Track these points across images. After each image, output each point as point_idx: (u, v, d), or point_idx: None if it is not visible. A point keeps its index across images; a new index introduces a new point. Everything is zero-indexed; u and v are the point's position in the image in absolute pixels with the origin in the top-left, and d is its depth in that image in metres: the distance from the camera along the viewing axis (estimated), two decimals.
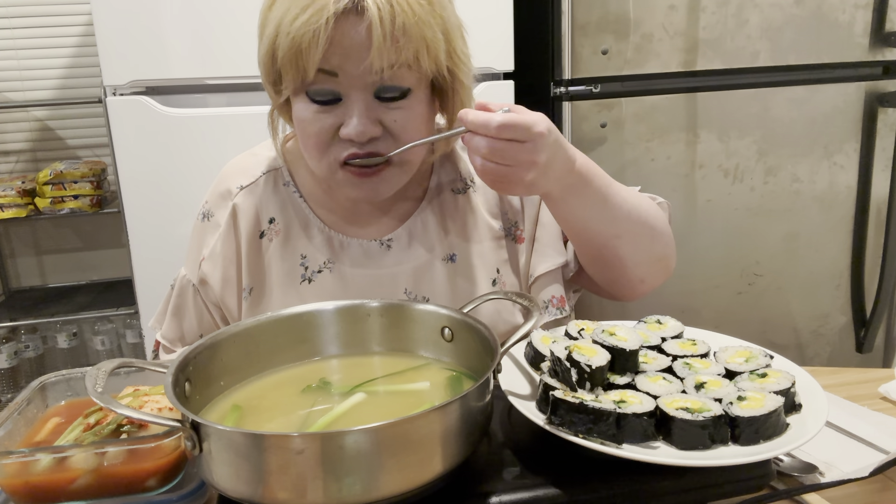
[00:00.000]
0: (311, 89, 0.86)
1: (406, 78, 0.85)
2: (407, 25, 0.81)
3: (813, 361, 2.04)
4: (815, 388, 0.72)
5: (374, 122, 0.86)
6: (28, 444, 0.74)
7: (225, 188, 1.04)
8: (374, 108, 0.86)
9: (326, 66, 0.83)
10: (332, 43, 0.81)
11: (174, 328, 1.05)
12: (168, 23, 1.63)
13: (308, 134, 0.89)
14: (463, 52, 0.90)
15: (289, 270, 1.00)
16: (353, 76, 0.84)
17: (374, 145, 0.88)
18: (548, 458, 0.68)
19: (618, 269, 0.96)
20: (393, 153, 0.88)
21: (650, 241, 0.95)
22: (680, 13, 1.75)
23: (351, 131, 0.85)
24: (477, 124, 0.78)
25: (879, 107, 1.90)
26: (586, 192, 0.88)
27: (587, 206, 0.89)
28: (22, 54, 2.45)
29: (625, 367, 0.73)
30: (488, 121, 0.77)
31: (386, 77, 0.84)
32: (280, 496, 0.58)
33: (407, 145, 0.87)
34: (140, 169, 1.69)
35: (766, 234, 1.94)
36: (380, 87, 0.85)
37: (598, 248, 0.95)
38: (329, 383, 0.76)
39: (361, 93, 0.85)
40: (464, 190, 1.02)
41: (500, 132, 0.77)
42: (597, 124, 1.77)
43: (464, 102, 0.92)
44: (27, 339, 2.46)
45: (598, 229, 0.91)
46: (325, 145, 0.88)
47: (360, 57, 0.82)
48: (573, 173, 0.85)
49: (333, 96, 0.86)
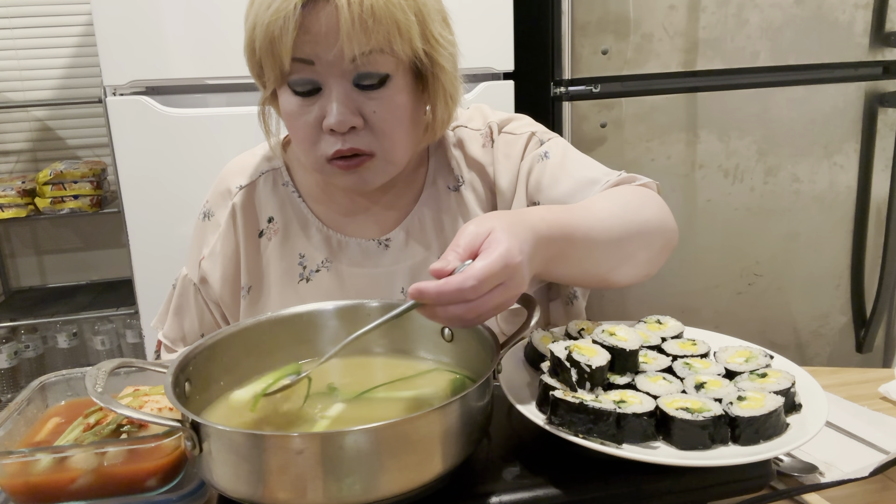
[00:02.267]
0: (291, 80, 0.86)
1: (382, 63, 0.84)
2: (376, 8, 0.80)
3: (813, 361, 2.05)
4: (815, 388, 0.72)
5: (354, 112, 0.85)
6: (28, 444, 0.74)
7: (225, 188, 1.04)
8: (353, 97, 0.86)
9: (300, 54, 0.83)
10: (303, 30, 0.81)
11: (176, 328, 1.06)
12: (168, 23, 1.63)
13: (295, 127, 0.89)
14: (442, 36, 0.88)
15: (287, 269, 1.01)
16: (328, 63, 0.83)
17: (355, 140, 0.87)
18: (548, 458, 0.68)
19: (620, 285, 0.92)
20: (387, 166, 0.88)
21: (646, 248, 0.90)
22: (680, 13, 1.75)
23: (331, 120, 0.85)
24: (448, 296, 0.63)
25: (879, 107, 1.90)
26: (569, 253, 0.79)
27: (574, 265, 0.82)
28: (22, 54, 2.45)
29: (625, 367, 0.73)
30: (461, 287, 0.63)
31: (361, 63, 0.83)
32: (280, 496, 0.58)
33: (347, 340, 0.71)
34: (140, 169, 1.69)
35: (766, 234, 1.94)
36: (357, 74, 0.84)
37: (596, 283, 0.92)
38: (336, 389, 0.76)
39: (339, 80, 0.85)
40: (456, 188, 1.02)
41: (479, 291, 0.64)
42: (597, 124, 1.77)
43: (447, 89, 0.91)
44: (27, 339, 2.46)
45: (592, 273, 0.86)
46: (312, 139, 0.89)
47: (331, 42, 0.82)
48: (551, 248, 0.76)
49: (313, 86, 0.86)
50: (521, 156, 1.00)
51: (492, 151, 1.01)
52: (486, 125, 1.03)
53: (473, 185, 1.02)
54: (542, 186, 0.97)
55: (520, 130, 1.01)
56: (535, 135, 1.01)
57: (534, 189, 0.98)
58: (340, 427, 0.57)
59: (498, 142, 1.01)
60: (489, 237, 0.68)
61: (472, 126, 1.03)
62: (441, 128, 0.94)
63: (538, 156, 0.98)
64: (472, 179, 1.01)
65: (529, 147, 1.00)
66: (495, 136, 1.02)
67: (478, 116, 1.05)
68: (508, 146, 1.01)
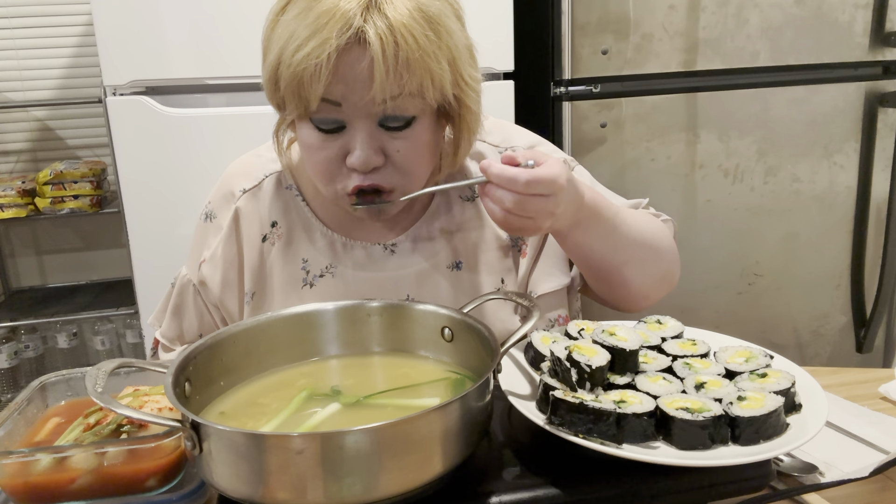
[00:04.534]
0: (315, 118, 0.85)
1: (410, 107, 0.84)
2: (411, 59, 0.79)
3: (813, 361, 2.04)
4: (815, 388, 0.72)
5: (377, 152, 0.85)
6: (28, 444, 0.74)
7: (228, 190, 1.03)
8: (377, 136, 0.85)
9: (329, 96, 0.82)
10: (335, 74, 0.79)
11: (173, 327, 1.05)
12: (168, 23, 1.63)
13: (315, 161, 0.88)
14: (471, 77, 0.87)
15: (290, 275, 1.00)
16: (356, 106, 0.82)
17: (377, 177, 0.86)
18: (548, 458, 0.68)
19: (623, 290, 0.97)
20: (405, 199, 0.89)
21: (656, 262, 0.96)
22: (680, 13, 1.75)
23: (355, 161, 0.84)
24: (503, 179, 0.78)
25: (879, 107, 1.90)
26: (594, 225, 0.89)
27: (595, 238, 0.90)
28: (22, 54, 2.45)
29: (625, 367, 0.73)
30: (515, 177, 0.77)
31: (389, 108, 0.82)
32: (280, 496, 0.58)
33: (418, 192, 0.89)
34: (140, 169, 1.68)
35: (766, 235, 1.94)
36: (383, 116, 0.83)
37: (604, 274, 0.95)
38: (339, 392, 0.75)
39: (365, 121, 0.84)
40: (472, 198, 1.02)
41: (527, 188, 0.78)
42: (597, 124, 1.77)
43: (471, 127, 0.90)
44: (27, 339, 2.46)
45: (605, 258, 0.92)
46: (332, 173, 0.88)
47: (364, 89, 0.80)
48: (583, 209, 0.86)
49: (337, 125, 0.85)
50: None
51: None
52: (508, 145, 1.02)
53: None
54: None
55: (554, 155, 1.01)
56: (566, 161, 1.01)
57: None
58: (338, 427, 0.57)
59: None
60: (550, 158, 0.81)
61: (490, 140, 1.03)
62: (462, 158, 0.94)
63: None
64: None
65: None
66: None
67: (496, 131, 1.04)
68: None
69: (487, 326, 0.73)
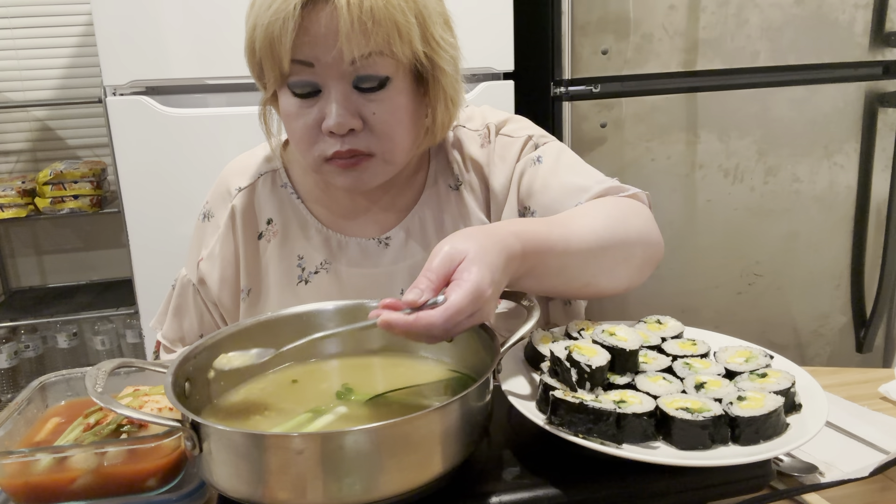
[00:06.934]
0: (291, 81, 0.86)
1: (382, 66, 0.84)
2: (375, 10, 0.80)
3: (813, 361, 2.05)
4: (815, 388, 0.72)
5: (354, 114, 0.85)
6: (28, 444, 0.74)
7: (225, 189, 1.04)
8: (352, 99, 0.85)
9: (300, 55, 0.83)
10: (302, 31, 0.81)
11: (175, 328, 1.06)
12: (168, 23, 1.63)
13: (294, 129, 0.89)
14: (443, 38, 0.88)
15: (286, 271, 1.01)
16: (327, 65, 0.83)
17: (354, 141, 0.87)
18: (548, 458, 0.68)
19: (601, 294, 0.91)
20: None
21: (626, 259, 0.89)
22: (680, 13, 1.75)
23: (330, 122, 0.85)
24: (415, 332, 0.66)
25: (879, 107, 1.90)
26: (542, 269, 0.80)
27: (548, 277, 0.82)
28: (22, 54, 2.45)
29: (625, 367, 0.73)
30: (430, 324, 0.65)
31: (360, 66, 0.83)
32: (280, 496, 0.58)
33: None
34: (140, 169, 1.69)
35: (766, 234, 1.94)
36: (356, 76, 0.84)
37: (574, 294, 0.94)
38: (351, 389, 0.75)
39: (339, 83, 0.85)
40: (456, 187, 1.02)
41: (449, 323, 0.66)
42: (597, 124, 1.77)
43: (447, 92, 0.90)
44: (27, 339, 2.46)
45: (568, 285, 0.86)
46: (311, 140, 0.88)
47: (330, 44, 0.82)
48: (523, 264, 0.77)
49: (312, 88, 0.86)
50: (517, 158, 1.00)
51: (489, 152, 1.01)
52: (484, 126, 1.03)
53: (472, 185, 1.02)
54: (533, 191, 0.97)
55: (517, 133, 1.01)
56: (531, 138, 1.01)
57: (525, 194, 0.98)
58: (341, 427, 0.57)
59: (495, 143, 1.01)
60: (462, 265, 0.69)
61: (470, 126, 1.03)
62: (442, 131, 0.94)
63: (531, 160, 0.98)
64: (471, 179, 1.01)
65: (525, 150, 1.00)
66: (492, 137, 1.02)
67: (477, 116, 1.05)
68: (504, 148, 1.01)
69: (487, 326, 0.73)
